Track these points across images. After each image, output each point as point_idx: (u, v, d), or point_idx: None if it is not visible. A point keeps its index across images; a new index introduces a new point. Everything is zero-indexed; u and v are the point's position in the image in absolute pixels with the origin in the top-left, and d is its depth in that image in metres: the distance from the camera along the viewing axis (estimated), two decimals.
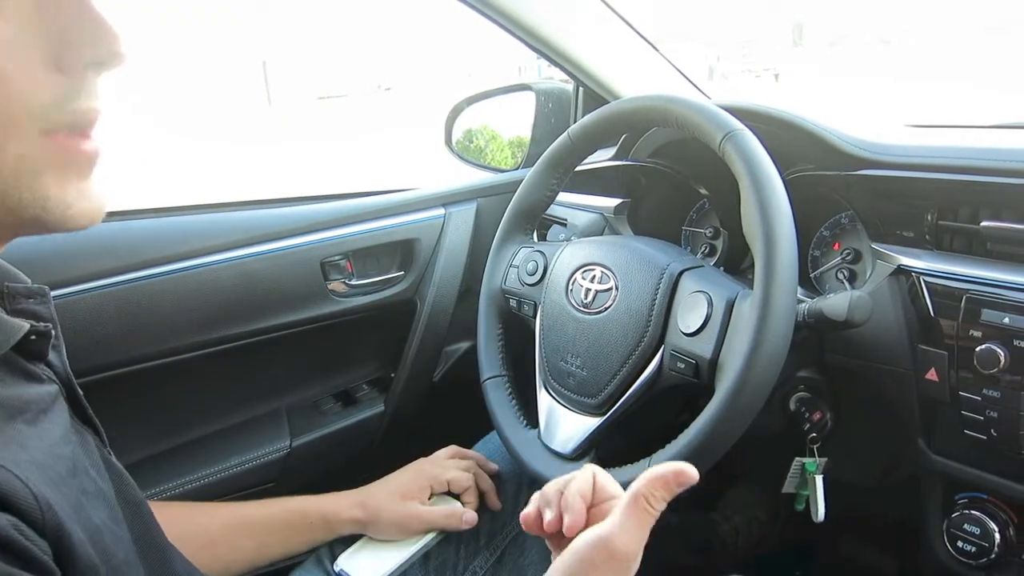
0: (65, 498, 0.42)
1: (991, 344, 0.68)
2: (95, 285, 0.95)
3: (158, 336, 1.02)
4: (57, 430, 0.47)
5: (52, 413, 0.47)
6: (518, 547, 0.89)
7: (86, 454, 0.50)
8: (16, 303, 0.50)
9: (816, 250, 0.97)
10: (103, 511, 0.48)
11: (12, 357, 0.46)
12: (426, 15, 23.35)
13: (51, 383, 0.50)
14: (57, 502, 0.40)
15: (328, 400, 1.27)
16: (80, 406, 0.54)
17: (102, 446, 0.55)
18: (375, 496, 0.87)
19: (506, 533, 0.90)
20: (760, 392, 0.64)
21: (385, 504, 0.86)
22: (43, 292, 0.52)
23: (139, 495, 0.56)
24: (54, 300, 0.54)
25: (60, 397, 0.51)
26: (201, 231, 1.06)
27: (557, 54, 1.19)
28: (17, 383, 0.45)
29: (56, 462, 0.44)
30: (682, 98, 0.77)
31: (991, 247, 0.73)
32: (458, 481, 0.90)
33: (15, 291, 0.50)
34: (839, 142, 0.84)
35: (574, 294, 0.84)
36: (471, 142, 1.53)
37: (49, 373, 0.51)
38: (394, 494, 0.87)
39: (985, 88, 1.99)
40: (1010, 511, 0.72)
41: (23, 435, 0.42)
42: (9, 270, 0.52)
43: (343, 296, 1.19)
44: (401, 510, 0.86)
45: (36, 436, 0.43)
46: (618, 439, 0.85)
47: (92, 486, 0.48)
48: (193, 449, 1.12)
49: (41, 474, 0.41)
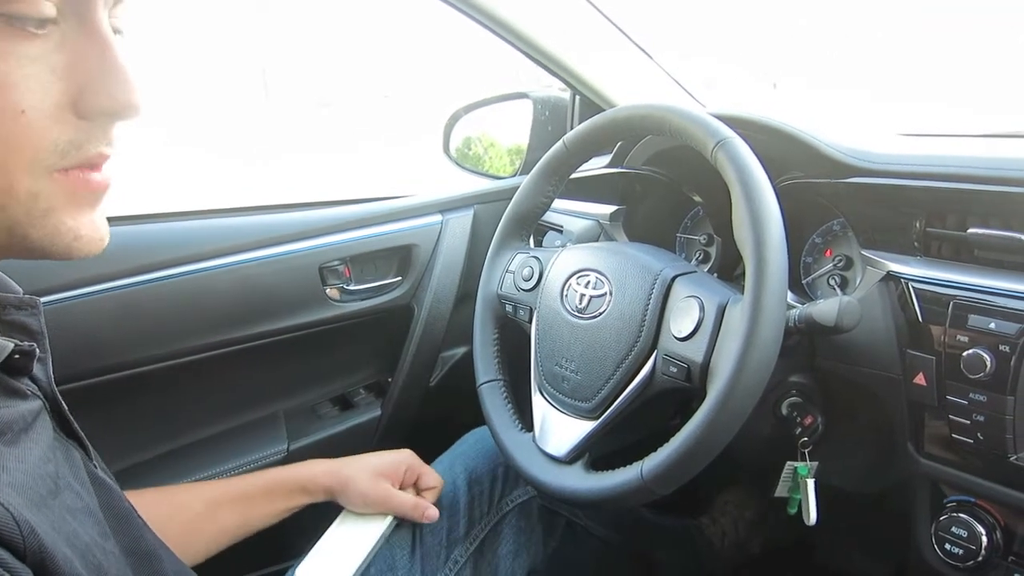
0: (48, 519, 0.41)
1: (978, 349, 0.69)
2: (93, 290, 0.96)
3: (156, 340, 1.03)
4: (38, 449, 0.46)
5: (33, 431, 0.47)
6: (495, 537, 0.95)
7: (71, 469, 0.49)
8: (6, 314, 0.49)
9: (808, 256, 0.98)
10: (91, 527, 0.47)
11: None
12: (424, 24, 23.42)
13: (35, 398, 0.49)
14: (39, 524, 0.39)
15: (325, 404, 1.28)
16: (65, 420, 0.54)
17: (87, 460, 0.54)
18: (350, 466, 0.91)
19: (484, 524, 0.95)
20: (750, 396, 0.65)
21: (357, 476, 0.89)
22: (34, 303, 0.51)
23: (127, 506, 0.55)
24: (51, 305, 0.53)
25: (44, 412, 0.50)
26: (200, 236, 1.07)
27: (553, 63, 1.20)
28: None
29: (37, 482, 0.43)
30: (675, 107, 0.78)
31: (978, 254, 0.74)
32: (428, 477, 0.93)
33: (6, 301, 0.49)
34: (829, 150, 0.86)
35: (569, 299, 0.85)
36: (469, 149, 1.54)
37: (33, 388, 0.50)
38: (368, 469, 0.90)
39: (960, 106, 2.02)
40: (997, 514, 0.72)
41: (2, 456, 0.41)
42: (1, 279, 0.52)
43: (341, 301, 1.20)
44: (372, 486, 0.89)
45: (15, 457, 0.43)
46: (612, 443, 0.86)
47: (78, 503, 0.47)
48: (191, 453, 1.13)
49: (22, 496, 0.40)
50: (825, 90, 4.83)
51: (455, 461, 1.01)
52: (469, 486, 0.97)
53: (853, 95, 4.18)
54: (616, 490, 0.71)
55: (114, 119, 0.43)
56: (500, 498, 0.97)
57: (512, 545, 0.95)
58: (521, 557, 0.94)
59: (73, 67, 0.40)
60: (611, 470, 0.73)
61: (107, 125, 0.43)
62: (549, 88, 1.42)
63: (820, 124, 0.90)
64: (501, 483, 0.98)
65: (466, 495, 0.96)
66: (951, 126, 1.02)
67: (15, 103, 0.38)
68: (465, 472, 0.98)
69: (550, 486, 0.78)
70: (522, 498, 0.98)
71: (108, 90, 0.41)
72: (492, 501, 0.97)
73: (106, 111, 0.41)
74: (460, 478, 0.97)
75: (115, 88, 0.41)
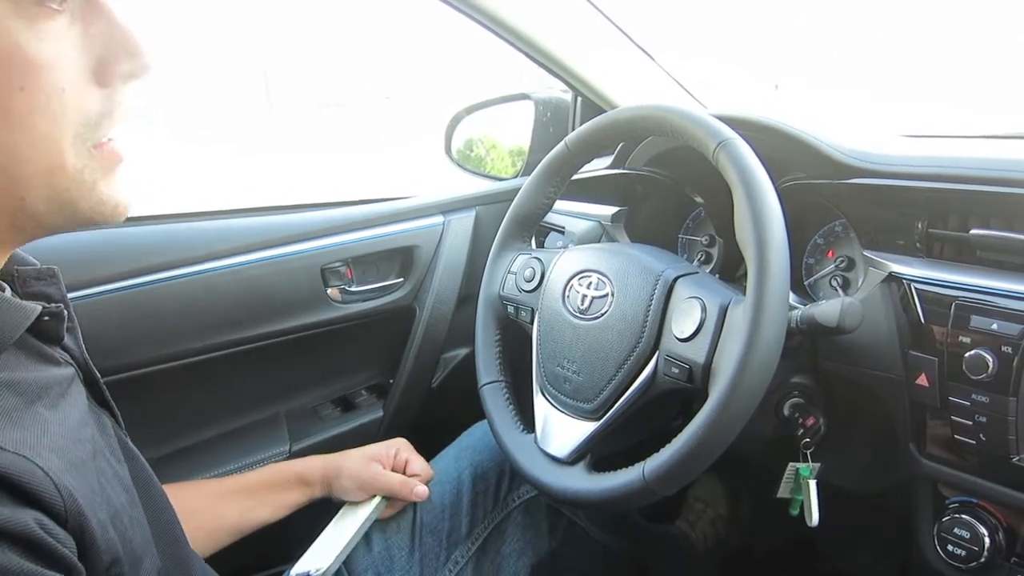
0: (86, 482, 0.43)
1: (979, 350, 0.69)
2: (95, 291, 0.97)
3: (159, 341, 1.03)
4: (76, 413, 0.48)
5: (70, 396, 0.48)
6: (499, 536, 0.94)
7: (103, 437, 0.51)
8: (27, 286, 0.51)
9: (811, 258, 0.98)
10: (121, 494, 0.49)
11: (28, 340, 0.47)
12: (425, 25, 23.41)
13: (68, 366, 0.51)
14: (78, 488, 0.41)
15: (327, 406, 1.28)
16: (97, 388, 0.56)
17: (119, 428, 0.57)
18: (346, 455, 0.93)
19: (487, 523, 0.95)
20: (752, 396, 0.65)
21: (350, 462, 0.91)
22: (52, 273, 0.54)
23: (153, 477, 0.57)
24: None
25: (77, 379, 0.52)
26: (203, 238, 1.08)
27: (554, 64, 1.20)
28: (35, 366, 0.46)
29: (76, 446, 0.45)
30: (677, 108, 0.78)
31: (980, 254, 0.74)
32: (416, 465, 0.94)
33: (25, 274, 0.52)
34: (830, 151, 0.86)
35: (570, 300, 0.85)
36: (471, 151, 1.54)
37: (65, 356, 0.52)
38: (362, 456, 0.92)
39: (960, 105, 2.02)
40: (1000, 515, 0.72)
41: (43, 420, 0.43)
42: (17, 254, 0.53)
43: (343, 302, 1.20)
44: (363, 468, 0.90)
45: (56, 420, 0.44)
46: (614, 444, 0.86)
47: (110, 469, 0.49)
48: (193, 453, 1.13)
49: (62, 459, 0.41)
50: (826, 90, 4.83)
51: (461, 454, 1.00)
52: (474, 481, 0.96)
53: (854, 95, 4.17)
54: (618, 491, 0.71)
55: (130, 81, 0.45)
56: (506, 494, 0.97)
57: (517, 544, 0.94)
58: (525, 556, 0.93)
59: (89, 39, 0.42)
60: (613, 471, 0.73)
61: (123, 90, 0.44)
62: (551, 89, 1.42)
63: (822, 125, 0.90)
64: (508, 478, 0.97)
65: (470, 491, 0.95)
66: (953, 127, 1.01)
67: (56, 81, 0.40)
68: (471, 466, 0.97)
69: (552, 487, 0.78)
70: (529, 494, 0.97)
71: (125, 56, 0.43)
72: (498, 497, 0.96)
73: (124, 75, 0.44)
74: (465, 472, 0.97)
75: (130, 53, 0.43)
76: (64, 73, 0.40)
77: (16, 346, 0.44)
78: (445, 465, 0.98)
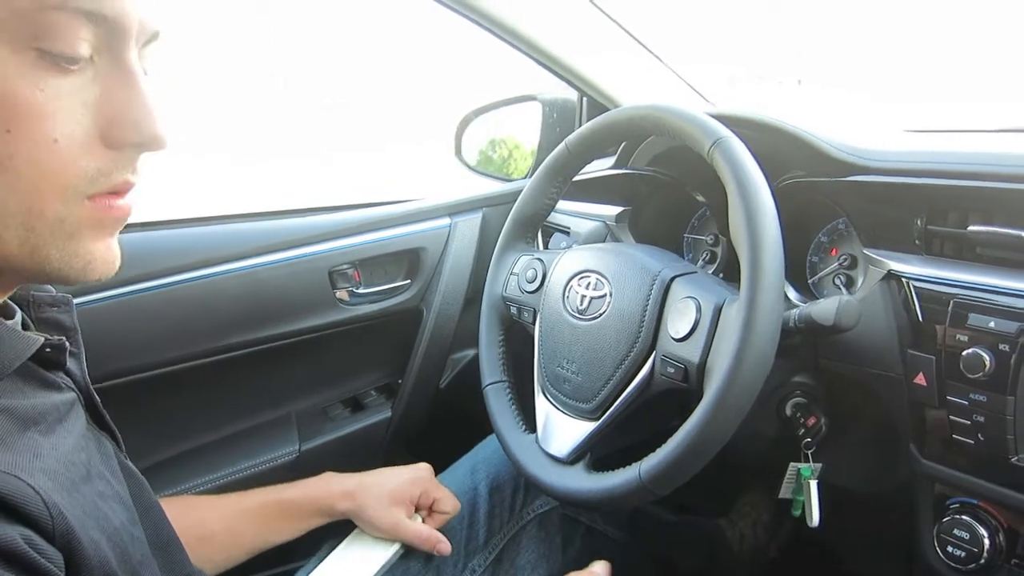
0: (78, 503, 0.43)
1: (977, 348, 0.68)
2: (107, 295, 0.98)
3: (168, 344, 1.05)
4: (71, 438, 0.48)
5: (67, 422, 0.49)
6: (516, 547, 0.93)
7: (102, 459, 0.52)
8: (41, 311, 0.53)
9: (814, 256, 0.97)
10: (121, 513, 0.50)
11: (30, 367, 0.48)
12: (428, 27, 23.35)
13: (69, 391, 0.52)
14: (68, 508, 0.41)
15: (336, 406, 1.30)
16: (97, 412, 0.57)
17: (118, 451, 0.57)
18: (367, 491, 0.88)
19: (504, 533, 0.94)
20: (747, 395, 0.65)
21: (372, 504, 0.87)
22: (67, 301, 0.55)
23: (153, 498, 0.59)
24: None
25: (78, 404, 0.53)
26: (212, 242, 1.09)
27: (558, 65, 1.21)
28: (34, 393, 0.47)
29: (70, 469, 0.45)
30: (673, 107, 0.78)
31: (980, 251, 0.73)
32: (445, 502, 0.90)
33: (40, 299, 0.53)
34: (828, 148, 0.85)
35: (570, 300, 0.85)
36: (494, 151, 1.54)
37: (68, 381, 0.53)
38: (384, 497, 0.87)
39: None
40: (1000, 516, 0.71)
41: (37, 444, 0.43)
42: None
43: (351, 304, 1.21)
44: (384, 515, 0.87)
45: (50, 445, 0.45)
46: (615, 443, 0.87)
47: (109, 490, 0.50)
48: (204, 453, 1.15)
49: (53, 481, 0.42)
50: (840, 87, 4.77)
51: (477, 466, 1.00)
52: (490, 494, 0.96)
53: (865, 90, 4.12)
54: (615, 490, 0.71)
55: (140, 150, 0.45)
56: (521, 507, 0.97)
57: (532, 555, 0.93)
58: (540, 568, 0.93)
59: (104, 101, 0.42)
60: (611, 471, 0.73)
61: (134, 155, 0.45)
62: (557, 90, 1.42)
63: (820, 121, 0.89)
64: (523, 492, 0.97)
65: (487, 503, 0.95)
66: (957, 121, 1.00)
67: (48, 132, 0.40)
68: (487, 479, 0.98)
69: (552, 486, 0.79)
70: (543, 508, 0.97)
71: (136, 124, 0.44)
72: (513, 510, 0.96)
73: (133, 143, 0.44)
74: (482, 485, 0.97)
75: (142, 122, 0.44)
76: (61, 126, 0.40)
77: (16, 373, 0.45)
78: (461, 477, 0.98)
